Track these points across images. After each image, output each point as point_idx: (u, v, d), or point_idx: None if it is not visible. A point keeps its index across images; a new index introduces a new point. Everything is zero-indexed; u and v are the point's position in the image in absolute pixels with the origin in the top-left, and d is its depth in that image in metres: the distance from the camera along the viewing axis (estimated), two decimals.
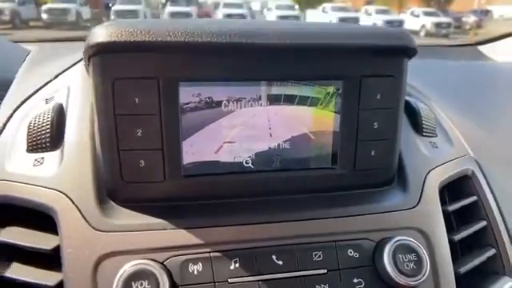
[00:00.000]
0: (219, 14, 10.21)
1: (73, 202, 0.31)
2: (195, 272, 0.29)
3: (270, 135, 0.33)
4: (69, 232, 0.30)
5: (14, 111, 0.40)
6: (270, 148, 0.33)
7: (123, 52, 0.29)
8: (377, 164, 0.35)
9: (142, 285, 0.26)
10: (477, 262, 0.36)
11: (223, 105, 0.31)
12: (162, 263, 0.28)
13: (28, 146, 0.35)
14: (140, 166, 0.31)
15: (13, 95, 0.43)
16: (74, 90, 0.39)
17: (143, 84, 0.29)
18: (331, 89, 0.32)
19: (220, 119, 0.32)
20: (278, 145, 0.33)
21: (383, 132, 0.34)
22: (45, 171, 0.33)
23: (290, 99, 0.32)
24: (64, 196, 0.32)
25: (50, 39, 0.80)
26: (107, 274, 0.28)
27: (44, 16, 8.73)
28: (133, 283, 0.26)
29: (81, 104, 0.37)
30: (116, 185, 0.31)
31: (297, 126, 0.33)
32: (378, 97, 0.33)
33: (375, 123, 0.33)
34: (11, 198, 0.33)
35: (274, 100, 0.32)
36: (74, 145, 0.34)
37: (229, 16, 9.20)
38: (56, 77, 0.44)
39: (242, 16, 9.56)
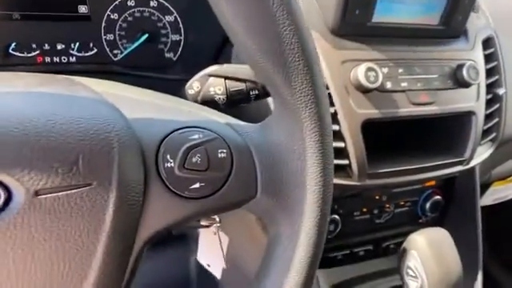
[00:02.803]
0: None
1: (320, 35, 0.55)
2: (385, 71, 0.57)
3: None
4: (320, 48, 0.55)
5: None
6: None
7: None
8: (458, 24, 0.63)
9: (372, 72, 0.54)
10: (494, 78, 0.69)
11: None
12: None
13: None
14: (355, 13, 0.55)
15: None
16: None
17: None
18: None
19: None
20: None
21: (465, 8, 0.62)
22: None
23: None
24: (315, 32, 0.55)
25: None
26: (346, 70, 0.55)
27: None
28: (369, 72, 0.54)
29: None
30: (341, 27, 0.56)
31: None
32: None
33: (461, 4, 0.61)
34: None
35: None
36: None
37: None
38: None
39: None
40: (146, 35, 0.68)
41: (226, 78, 0.42)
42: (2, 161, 0.24)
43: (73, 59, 0.68)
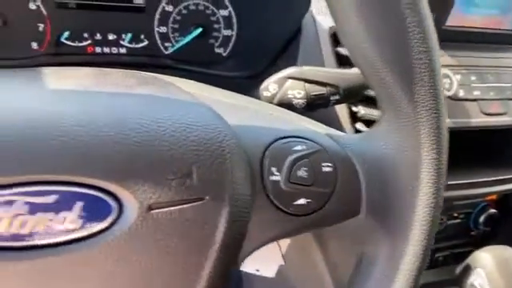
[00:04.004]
0: None
1: None
2: (458, 78, 0.54)
3: None
4: None
5: None
6: None
7: None
8: None
9: (446, 79, 0.51)
10: None
11: None
12: None
13: None
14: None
15: None
16: None
17: None
18: None
19: None
20: None
21: None
22: None
23: None
24: None
25: None
26: None
27: None
28: (443, 79, 0.51)
29: None
30: None
31: None
32: None
33: None
34: None
35: None
36: None
37: None
38: None
39: None
40: (200, 29, 0.66)
41: (305, 80, 0.40)
42: (115, 171, 0.22)
43: (123, 50, 0.66)
